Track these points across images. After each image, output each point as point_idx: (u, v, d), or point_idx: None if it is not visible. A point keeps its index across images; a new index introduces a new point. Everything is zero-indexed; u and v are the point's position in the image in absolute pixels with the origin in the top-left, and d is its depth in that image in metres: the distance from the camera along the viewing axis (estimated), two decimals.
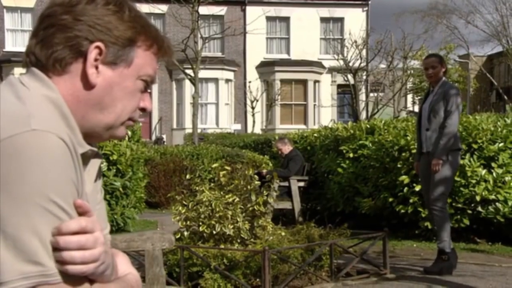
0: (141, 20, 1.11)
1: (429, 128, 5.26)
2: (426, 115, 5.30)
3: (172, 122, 25.98)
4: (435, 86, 5.33)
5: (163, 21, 25.21)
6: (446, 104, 5.19)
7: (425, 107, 5.35)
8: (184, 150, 10.97)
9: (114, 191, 6.73)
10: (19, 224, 0.88)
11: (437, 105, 5.22)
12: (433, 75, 5.31)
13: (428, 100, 5.34)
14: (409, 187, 6.65)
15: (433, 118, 5.23)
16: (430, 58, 5.51)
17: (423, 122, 5.32)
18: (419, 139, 5.42)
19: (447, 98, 5.20)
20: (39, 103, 0.97)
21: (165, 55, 1.15)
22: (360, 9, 27.89)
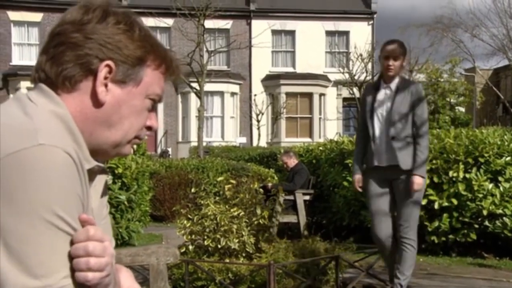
0: (151, 39, 1.12)
1: (397, 137, 4.21)
2: (389, 119, 4.25)
3: (178, 135, 26.03)
4: (390, 82, 4.28)
5: (169, 34, 25.36)
6: (415, 107, 4.23)
7: (384, 109, 4.30)
8: (189, 163, 10.97)
9: (119, 204, 6.73)
10: (24, 237, 0.88)
11: (405, 108, 4.23)
12: (394, 68, 4.24)
13: (387, 100, 4.30)
14: None
15: (401, 124, 4.21)
16: (392, 46, 4.27)
17: (384, 128, 4.27)
18: (365, 147, 4.38)
19: (417, 100, 4.26)
20: (46, 119, 0.98)
21: (173, 75, 1.17)
22: (365, 22, 27.99)
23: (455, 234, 6.38)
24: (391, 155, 4.21)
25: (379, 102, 4.30)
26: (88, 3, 1.09)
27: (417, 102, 4.25)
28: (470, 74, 32.73)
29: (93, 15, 1.06)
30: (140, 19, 1.13)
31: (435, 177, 6.38)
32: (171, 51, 1.17)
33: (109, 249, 0.97)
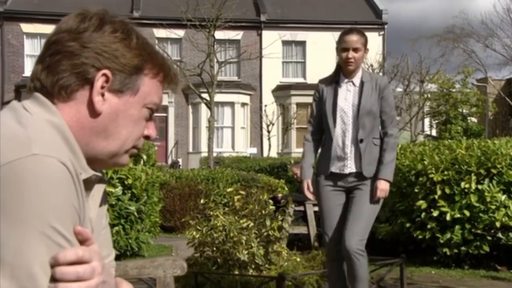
0: (148, 47, 1.10)
1: (365, 139, 3.67)
2: (355, 119, 3.68)
3: (188, 145, 26.07)
4: (352, 76, 3.75)
5: (180, 45, 25.48)
6: (382, 104, 3.74)
7: (348, 105, 3.73)
8: (200, 174, 10.96)
9: (129, 215, 6.72)
10: (18, 250, 0.86)
11: (373, 106, 3.70)
12: (355, 61, 3.69)
13: (351, 97, 3.74)
14: (426, 212, 6.55)
15: (370, 124, 3.68)
16: (351, 35, 3.72)
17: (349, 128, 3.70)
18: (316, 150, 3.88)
19: (384, 95, 3.73)
20: (41, 128, 0.96)
21: (171, 83, 1.15)
22: (376, 33, 27.95)
23: (468, 246, 6.30)
24: (354, 161, 3.67)
25: (342, 99, 3.74)
26: (85, 12, 1.07)
27: (385, 98, 3.75)
28: (482, 84, 32.55)
29: (89, 24, 1.05)
30: (138, 27, 1.12)
31: (447, 188, 6.32)
32: (169, 60, 1.15)
33: (98, 269, 0.94)
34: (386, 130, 3.75)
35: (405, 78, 24.27)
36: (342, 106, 3.74)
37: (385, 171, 3.64)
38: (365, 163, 3.66)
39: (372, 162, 3.67)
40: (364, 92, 3.71)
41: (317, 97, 3.89)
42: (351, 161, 3.69)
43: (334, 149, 3.71)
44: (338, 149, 3.71)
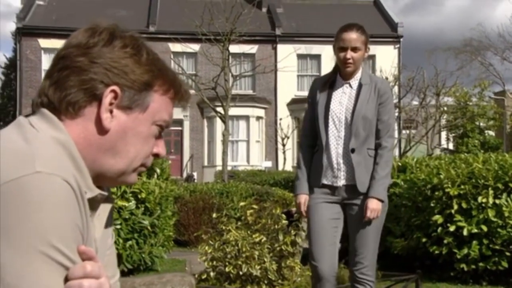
0: (159, 63, 1.08)
1: (358, 149, 3.26)
2: (349, 125, 3.27)
3: (203, 159, 26.11)
4: (349, 78, 3.34)
5: (195, 59, 25.63)
6: (380, 110, 3.29)
7: (342, 110, 3.31)
8: (214, 187, 10.95)
9: (142, 229, 6.70)
10: (20, 272, 0.84)
11: (371, 112, 3.27)
12: (354, 62, 3.27)
13: (347, 101, 3.33)
14: (443, 227, 6.45)
15: (365, 132, 3.26)
16: (350, 33, 3.27)
17: (342, 136, 3.29)
18: (311, 159, 3.41)
19: (383, 100, 3.30)
20: (47, 145, 0.94)
21: (182, 100, 1.12)
22: (391, 46, 27.90)
23: (486, 262, 6.19)
24: (347, 173, 3.29)
25: (336, 102, 3.33)
26: (95, 26, 1.05)
27: (384, 104, 3.31)
28: (500, 97, 32.26)
29: (99, 38, 1.03)
30: (148, 43, 1.09)
31: (464, 203, 6.23)
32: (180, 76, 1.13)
33: (105, 285, 0.92)
34: (380, 141, 3.30)
35: (420, 91, 24.12)
36: (335, 110, 3.32)
37: (377, 189, 3.21)
38: (360, 177, 3.25)
39: (366, 176, 3.28)
40: (361, 96, 3.29)
41: (310, 98, 3.50)
42: (344, 172, 3.29)
43: (326, 158, 3.31)
44: (330, 159, 3.30)
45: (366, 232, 3.28)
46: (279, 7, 28.35)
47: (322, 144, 3.32)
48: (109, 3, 27.70)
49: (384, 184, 3.26)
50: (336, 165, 3.29)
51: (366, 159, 3.27)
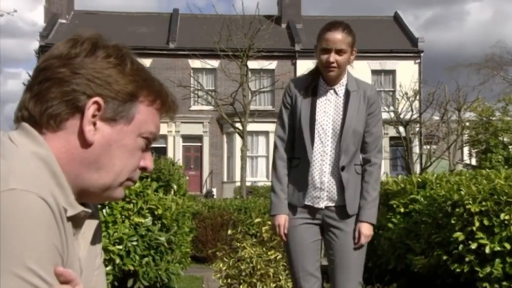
0: (144, 73, 1.04)
1: (347, 166, 2.90)
2: (337, 139, 2.90)
3: (223, 175, 26.10)
4: (334, 83, 2.94)
5: (215, 75, 25.75)
6: (368, 121, 2.94)
7: (328, 121, 2.92)
8: (232, 203, 10.92)
9: (159, 246, 6.67)
10: None
11: (360, 123, 2.91)
12: (338, 65, 2.87)
13: (334, 110, 2.93)
14: (464, 244, 6.30)
15: (355, 147, 2.91)
16: (336, 32, 2.86)
17: (330, 151, 2.91)
18: (298, 178, 2.96)
19: (372, 110, 2.94)
20: (25, 161, 0.90)
21: (169, 111, 1.08)
22: (412, 61, 27.74)
23: (510, 281, 6.02)
24: (334, 193, 2.91)
25: (321, 112, 2.92)
26: (77, 36, 1.01)
27: (373, 114, 2.94)
28: None
29: (81, 49, 0.99)
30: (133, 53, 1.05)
31: (486, 220, 6.08)
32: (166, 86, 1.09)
33: None
34: (369, 156, 2.93)
35: (441, 106, 23.89)
36: (321, 121, 2.91)
37: (369, 212, 2.88)
38: (349, 198, 2.89)
39: (357, 196, 2.92)
40: (350, 106, 2.89)
41: (288, 103, 3.01)
42: (328, 192, 2.91)
43: (311, 176, 2.91)
44: (313, 177, 2.91)
45: (350, 262, 2.91)
46: (298, 23, 28.42)
47: (307, 159, 2.90)
48: (130, 21, 28.07)
49: (375, 206, 2.93)
50: (319, 184, 2.90)
51: (354, 176, 2.92)
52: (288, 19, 28.66)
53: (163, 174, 6.19)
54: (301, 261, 2.95)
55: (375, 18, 30.30)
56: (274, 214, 2.96)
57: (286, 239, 2.96)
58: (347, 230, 2.91)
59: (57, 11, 27.58)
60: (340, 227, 2.91)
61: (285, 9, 29.00)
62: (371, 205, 2.90)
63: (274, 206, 2.96)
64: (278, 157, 2.99)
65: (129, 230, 5.45)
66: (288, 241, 2.97)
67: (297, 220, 2.94)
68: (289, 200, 2.96)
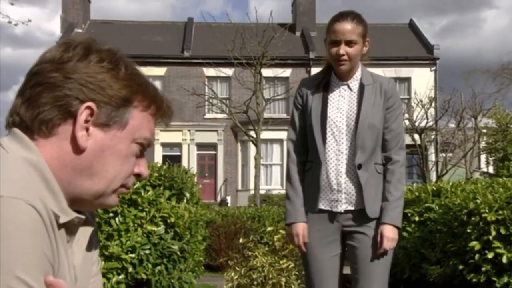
0: (139, 78, 1.02)
1: (365, 164, 2.70)
2: (352, 136, 2.69)
3: (237, 183, 26.09)
4: (347, 78, 2.77)
5: (229, 84, 25.81)
6: (387, 116, 2.74)
7: (342, 117, 2.72)
8: (246, 212, 10.90)
9: (172, 254, 6.65)
10: None
11: (377, 119, 2.71)
12: (350, 58, 2.69)
13: (347, 106, 2.74)
14: (480, 254, 6.21)
15: (372, 144, 2.70)
16: (345, 23, 2.67)
17: (345, 149, 2.71)
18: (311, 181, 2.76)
19: (390, 104, 2.74)
20: (15, 167, 0.88)
21: (164, 116, 1.06)
22: (427, 68, 27.58)
23: None
24: (349, 195, 2.71)
25: (334, 108, 2.74)
26: (69, 40, 1.00)
27: (392, 109, 2.75)
28: None
29: (74, 53, 0.97)
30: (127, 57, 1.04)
31: (502, 228, 5.99)
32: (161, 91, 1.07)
33: None
34: (389, 154, 2.73)
35: (457, 113, 23.70)
36: (334, 118, 2.72)
37: (392, 213, 2.67)
38: (369, 199, 2.67)
39: (376, 198, 2.70)
40: (365, 100, 2.70)
41: (299, 103, 2.85)
42: (347, 194, 2.70)
43: (324, 178, 2.71)
44: (329, 178, 2.71)
45: (375, 269, 2.69)
46: (312, 31, 28.42)
47: (319, 159, 2.69)
48: (145, 29, 28.27)
49: (399, 207, 2.70)
50: (336, 185, 2.68)
51: (374, 176, 2.70)
52: (302, 27, 28.67)
53: (176, 183, 6.18)
54: (319, 279, 2.76)
55: (390, 25, 30.19)
56: (290, 223, 2.75)
57: (302, 250, 2.77)
58: (369, 235, 2.70)
59: (73, 21, 27.88)
60: (362, 232, 2.71)
61: (299, 17, 29.03)
62: (393, 205, 2.68)
63: (290, 214, 2.77)
64: (290, 162, 2.83)
65: (141, 239, 5.44)
66: (306, 255, 2.77)
67: (315, 231, 2.74)
68: (305, 207, 2.76)
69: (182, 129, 25.84)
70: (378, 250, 2.67)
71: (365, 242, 2.70)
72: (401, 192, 2.72)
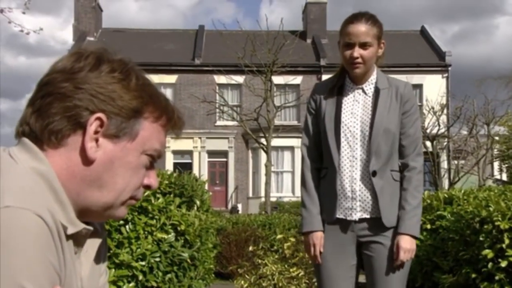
0: (150, 89, 1.01)
1: (380, 171, 2.61)
2: (366, 141, 2.61)
3: (248, 190, 26.07)
4: (362, 82, 2.69)
5: (240, 91, 25.85)
6: (404, 121, 2.66)
7: (356, 122, 2.64)
8: (256, 219, 10.86)
9: (182, 262, 6.64)
10: None
11: (393, 123, 2.62)
12: (364, 61, 2.61)
13: (362, 110, 2.66)
14: (493, 262, 6.13)
15: (388, 150, 2.61)
16: (359, 24, 2.58)
17: (359, 155, 2.62)
18: (327, 189, 2.68)
19: (407, 109, 2.67)
20: (23, 177, 0.88)
21: (175, 127, 1.05)
22: (439, 75, 27.45)
23: None
24: (368, 202, 2.61)
25: (348, 113, 2.66)
26: (81, 50, 0.99)
27: (409, 114, 2.66)
28: None
29: (85, 63, 0.97)
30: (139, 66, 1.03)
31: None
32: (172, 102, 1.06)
33: None
34: (407, 161, 2.64)
35: (469, 120, 23.54)
36: (348, 123, 2.64)
37: (409, 222, 2.57)
38: (384, 207, 2.58)
39: (393, 206, 2.60)
40: (380, 104, 2.62)
41: (313, 108, 2.77)
42: (362, 202, 2.61)
43: (339, 185, 2.61)
44: (343, 185, 2.62)
45: (391, 281, 2.59)
46: (324, 38, 28.43)
47: (334, 166, 2.62)
48: (157, 37, 28.42)
49: (416, 216, 2.61)
50: (351, 193, 2.59)
51: (390, 183, 2.61)
52: (313, 34, 28.68)
53: (186, 190, 6.18)
54: (331, 283, 2.65)
55: (401, 32, 30.12)
56: (307, 232, 2.66)
57: (319, 261, 2.67)
58: (385, 244, 2.61)
59: (85, 29, 28.11)
60: (378, 241, 2.62)
61: (310, 24, 29.05)
62: (410, 214, 2.58)
63: (306, 222, 2.67)
64: (305, 168, 2.75)
65: (152, 246, 5.43)
66: (319, 266, 2.67)
67: (329, 241, 2.65)
68: (322, 216, 2.68)
69: (193, 137, 25.90)
70: (394, 261, 2.58)
71: (381, 252, 2.61)
72: (419, 200, 2.62)
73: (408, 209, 2.59)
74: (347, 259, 2.65)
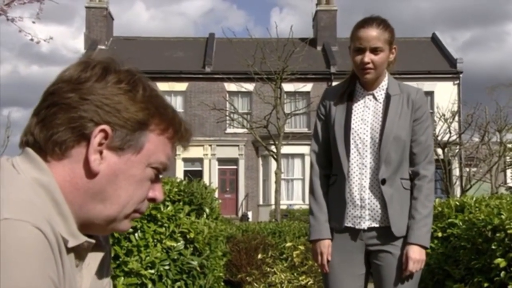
0: (157, 100, 0.99)
1: (390, 179, 2.56)
2: (377, 148, 2.56)
3: (259, 198, 26.03)
4: (372, 88, 2.64)
5: (250, 98, 25.88)
6: (415, 129, 2.59)
7: (366, 129, 2.59)
8: (266, 227, 10.84)
9: (191, 270, 6.62)
10: None
11: (404, 131, 2.56)
12: (375, 66, 2.55)
13: (372, 117, 2.60)
14: (506, 271, 6.06)
15: (398, 158, 2.55)
16: (370, 29, 2.53)
17: (369, 163, 2.56)
18: (335, 197, 2.63)
19: (418, 116, 2.60)
20: (23, 188, 0.86)
21: (182, 140, 1.03)
22: (450, 82, 27.32)
23: None
24: (377, 211, 2.56)
25: (358, 120, 2.61)
26: (89, 59, 0.98)
27: (420, 121, 2.59)
28: None
29: (91, 73, 0.96)
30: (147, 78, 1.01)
31: None
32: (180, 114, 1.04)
33: None
34: (417, 169, 2.58)
35: (480, 128, 23.37)
36: (358, 130, 2.58)
37: (418, 232, 2.51)
38: (394, 216, 2.52)
39: (403, 215, 2.55)
40: (391, 111, 2.56)
41: (322, 114, 2.71)
42: (371, 211, 2.55)
43: (348, 193, 2.57)
44: (352, 193, 2.57)
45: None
46: (334, 45, 28.42)
47: (344, 174, 2.56)
48: (167, 45, 28.56)
49: (427, 226, 2.54)
50: (360, 201, 2.54)
51: (400, 192, 2.55)
52: (323, 41, 28.68)
53: (195, 198, 6.17)
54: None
55: (412, 39, 30.03)
56: (314, 240, 2.61)
57: (327, 270, 2.62)
58: (395, 254, 2.56)
59: (96, 38, 28.31)
60: (387, 250, 2.56)
61: (320, 31, 29.06)
62: (420, 224, 2.52)
63: (314, 230, 2.63)
64: (313, 175, 2.69)
65: (161, 254, 5.42)
66: (327, 275, 2.62)
67: (337, 250, 2.61)
68: (330, 224, 2.63)
69: (203, 144, 25.94)
70: (403, 272, 2.53)
71: (391, 262, 2.56)
72: (429, 210, 2.56)
73: (418, 218, 2.53)
74: (356, 268, 2.60)
